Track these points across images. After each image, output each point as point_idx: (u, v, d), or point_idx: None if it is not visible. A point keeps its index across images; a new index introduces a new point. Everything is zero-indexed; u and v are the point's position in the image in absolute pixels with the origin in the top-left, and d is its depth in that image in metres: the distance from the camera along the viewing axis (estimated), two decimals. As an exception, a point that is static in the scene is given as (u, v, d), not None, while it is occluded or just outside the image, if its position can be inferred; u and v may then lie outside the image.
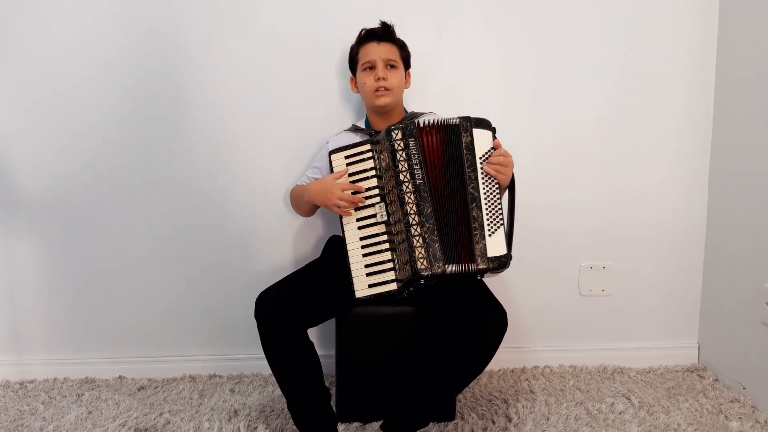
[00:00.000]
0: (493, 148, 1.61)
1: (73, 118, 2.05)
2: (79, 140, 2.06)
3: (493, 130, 1.63)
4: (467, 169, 1.57)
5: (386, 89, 1.78)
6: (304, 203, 1.83)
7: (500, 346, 1.53)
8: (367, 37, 1.82)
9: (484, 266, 1.52)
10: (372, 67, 1.80)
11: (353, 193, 1.62)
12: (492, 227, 1.55)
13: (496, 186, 1.58)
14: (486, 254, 1.52)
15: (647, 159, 2.15)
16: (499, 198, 1.58)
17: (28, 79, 2.03)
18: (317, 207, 1.86)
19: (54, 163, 2.07)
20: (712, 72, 2.11)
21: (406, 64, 1.88)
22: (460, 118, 1.60)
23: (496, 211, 1.57)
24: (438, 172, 1.58)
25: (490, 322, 1.55)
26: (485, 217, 1.54)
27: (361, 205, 1.62)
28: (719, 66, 2.10)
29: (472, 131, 1.59)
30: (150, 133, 2.07)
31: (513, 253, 1.58)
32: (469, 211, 1.54)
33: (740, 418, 1.81)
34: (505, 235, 1.57)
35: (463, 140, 1.58)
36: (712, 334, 2.17)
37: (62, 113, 2.05)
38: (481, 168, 1.57)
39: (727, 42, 2.05)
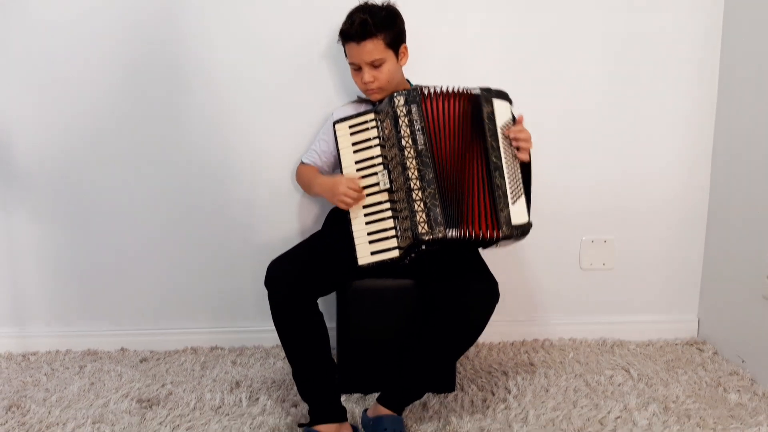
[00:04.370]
0: (513, 119, 1.60)
1: (74, 96, 2.02)
2: (80, 117, 2.04)
3: (511, 102, 1.63)
4: (489, 138, 1.55)
5: (377, 87, 1.73)
6: (312, 193, 1.86)
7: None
8: (345, 37, 1.71)
9: (509, 233, 1.52)
10: (358, 68, 1.73)
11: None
12: (515, 195, 1.55)
13: (515, 156, 1.60)
14: (510, 221, 1.52)
15: (650, 134, 2.13)
16: (518, 167, 1.60)
17: (29, 59, 2.00)
18: None
19: (56, 139, 2.05)
20: (717, 49, 2.08)
21: (397, 44, 1.72)
22: (480, 88, 1.59)
23: (517, 180, 1.57)
24: (445, 139, 1.56)
25: (480, 292, 1.56)
26: (508, 186, 1.55)
27: (363, 200, 1.60)
28: (724, 45, 2.07)
29: (492, 101, 1.59)
30: (151, 110, 2.04)
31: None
32: (493, 179, 1.53)
33: (739, 390, 1.82)
34: (526, 203, 1.58)
35: (485, 110, 1.57)
36: (712, 307, 2.18)
37: (64, 91, 2.02)
38: (503, 138, 1.57)
39: (733, 24, 2.02)
